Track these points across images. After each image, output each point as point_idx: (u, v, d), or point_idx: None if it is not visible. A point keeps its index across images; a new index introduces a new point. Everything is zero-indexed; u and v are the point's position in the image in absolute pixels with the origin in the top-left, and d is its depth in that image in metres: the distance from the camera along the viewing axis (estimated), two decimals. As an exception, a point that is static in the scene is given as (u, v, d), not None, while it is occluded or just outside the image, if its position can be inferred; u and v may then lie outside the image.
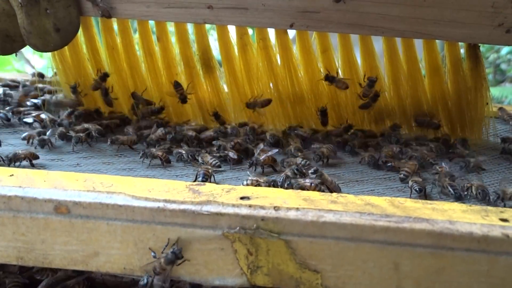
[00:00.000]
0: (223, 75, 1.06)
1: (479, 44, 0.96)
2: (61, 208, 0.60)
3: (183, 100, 1.04)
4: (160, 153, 0.86)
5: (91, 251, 0.61)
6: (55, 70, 1.12)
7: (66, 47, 1.01)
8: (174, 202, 0.59)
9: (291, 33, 1.00)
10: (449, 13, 0.88)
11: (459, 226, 0.55)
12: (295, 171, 0.80)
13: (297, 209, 0.58)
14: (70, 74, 1.10)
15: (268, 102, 1.03)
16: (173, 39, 1.05)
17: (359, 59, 1.03)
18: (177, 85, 1.03)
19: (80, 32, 1.03)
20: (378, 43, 1.01)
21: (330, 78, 1.00)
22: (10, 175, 0.66)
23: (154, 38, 1.06)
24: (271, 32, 1.01)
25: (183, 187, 0.63)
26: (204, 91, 1.08)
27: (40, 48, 0.93)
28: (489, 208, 0.61)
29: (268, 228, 0.57)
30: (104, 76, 1.06)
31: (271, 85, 1.04)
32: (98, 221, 0.60)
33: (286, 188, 0.73)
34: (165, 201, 0.59)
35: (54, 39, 0.93)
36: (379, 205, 0.60)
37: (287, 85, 1.03)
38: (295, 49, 1.02)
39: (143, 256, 0.60)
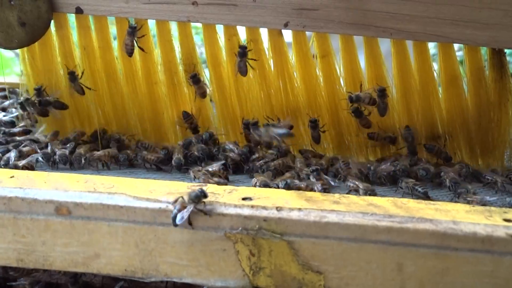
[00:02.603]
0: (209, 84, 0.93)
1: (505, 50, 0.83)
2: (62, 209, 0.60)
3: (194, 130, 0.92)
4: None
5: (92, 253, 0.61)
6: (23, 72, 0.97)
7: (37, 47, 0.91)
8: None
9: (287, 36, 0.89)
10: (469, 12, 0.76)
11: (463, 226, 0.55)
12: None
13: (300, 209, 0.58)
14: (39, 77, 0.95)
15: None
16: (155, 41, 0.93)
17: (363, 66, 0.89)
18: (186, 116, 0.92)
19: (54, 31, 0.91)
20: (385, 46, 0.88)
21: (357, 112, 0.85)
22: (11, 177, 0.65)
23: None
24: (264, 34, 0.89)
25: (184, 188, 0.63)
26: (186, 102, 0.94)
27: (3, 43, 0.86)
28: (493, 208, 0.60)
29: (271, 228, 0.57)
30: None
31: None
32: (99, 222, 0.60)
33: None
34: (167, 202, 0.59)
35: (19, 35, 0.85)
36: (382, 206, 0.59)
37: (281, 96, 0.90)
38: (291, 54, 0.90)
39: (145, 257, 0.60)
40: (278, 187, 0.69)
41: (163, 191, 0.62)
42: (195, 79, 0.90)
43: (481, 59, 0.85)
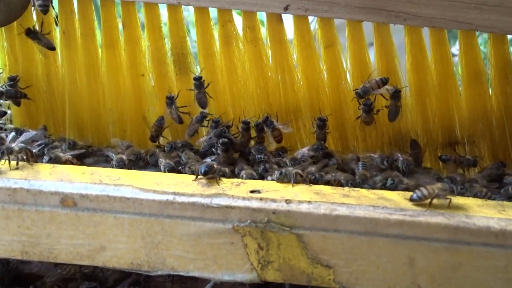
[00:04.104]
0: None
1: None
2: (67, 201, 0.59)
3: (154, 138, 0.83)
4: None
5: (97, 245, 0.60)
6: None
7: (16, 35, 0.83)
8: (183, 194, 0.58)
9: (288, 24, 0.80)
10: (496, -6, 0.66)
11: (476, 220, 0.54)
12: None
13: (309, 202, 0.57)
14: (18, 66, 0.85)
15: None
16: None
17: (372, 58, 0.80)
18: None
19: (35, 16, 0.84)
20: (399, 36, 0.79)
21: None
22: (15, 168, 0.64)
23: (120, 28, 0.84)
24: (262, 20, 0.81)
25: (191, 180, 0.62)
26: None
27: None
28: (505, 203, 0.59)
29: (280, 221, 0.56)
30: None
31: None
32: (105, 214, 0.59)
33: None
34: (174, 193, 0.58)
35: None
36: (393, 199, 0.58)
37: (279, 92, 0.80)
38: (292, 44, 0.80)
39: (151, 250, 0.59)
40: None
41: (170, 183, 0.61)
42: (198, 83, 0.80)
43: (508, 51, 0.76)
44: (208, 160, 0.70)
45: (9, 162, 0.64)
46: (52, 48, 0.83)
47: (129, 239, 0.59)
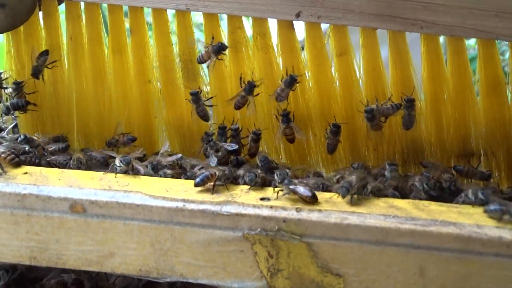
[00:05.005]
0: (208, 84, 0.83)
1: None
2: (76, 207, 0.59)
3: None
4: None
5: (106, 252, 0.60)
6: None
7: (22, 38, 0.82)
8: (193, 202, 0.58)
9: (300, 31, 0.78)
10: (517, 2, 0.64)
11: (487, 230, 0.54)
12: None
13: (320, 210, 0.56)
14: (23, 71, 0.84)
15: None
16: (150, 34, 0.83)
17: (387, 67, 0.78)
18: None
19: (42, 22, 0.82)
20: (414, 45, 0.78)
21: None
22: (24, 173, 0.64)
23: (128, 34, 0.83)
24: (273, 27, 0.78)
25: (200, 187, 0.62)
26: (182, 106, 0.83)
27: None
28: (516, 213, 0.59)
29: (290, 229, 0.56)
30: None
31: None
32: (115, 220, 0.59)
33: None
34: (184, 200, 0.58)
35: None
36: (403, 208, 0.58)
37: (289, 100, 0.77)
38: (304, 53, 0.79)
39: (160, 257, 0.59)
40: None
41: (179, 190, 0.61)
42: (195, 98, 0.78)
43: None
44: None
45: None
46: None
47: (138, 245, 0.59)
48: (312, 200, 0.58)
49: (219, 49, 0.77)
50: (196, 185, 0.61)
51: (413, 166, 0.80)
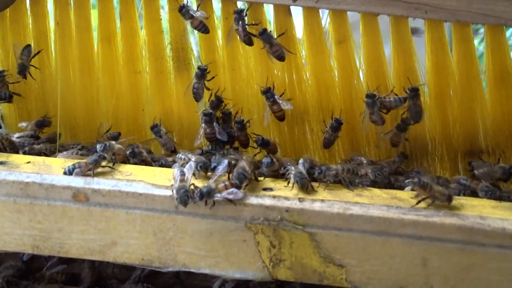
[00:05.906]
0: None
1: None
2: (79, 195, 0.59)
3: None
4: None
5: (109, 241, 0.60)
6: None
7: (8, 25, 0.79)
8: (195, 191, 0.57)
9: (297, 17, 0.74)
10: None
11: (490, 222, 0.54)
12: None
13: (322, 200, 0.56)
14: (7, 60, 0.81)
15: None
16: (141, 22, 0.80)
17: (388, 55, 0.74)
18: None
19: (29, 9, 0.79)
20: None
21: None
22: (27, 162, 0.64)
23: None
24: (269, 13, 0.74)
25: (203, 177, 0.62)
26: (172, 97, 0.80)
27: None
28: (520, 204, 0.59)
29: (293, 219, 0.55)
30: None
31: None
32: (117, 209, 0.59)
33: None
34: (187, 190, 0.58)
35: None
36: (406, 199, 0.58)
37: (286, 92, 0.74)
38: (301, 39, 0.74)
39: (162, 246, 0.59)
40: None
41: (182, 180, 0.60)
42: (200, 73, 0.74)
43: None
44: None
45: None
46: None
47: (140, 234, 0.59)
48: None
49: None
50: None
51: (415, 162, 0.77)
